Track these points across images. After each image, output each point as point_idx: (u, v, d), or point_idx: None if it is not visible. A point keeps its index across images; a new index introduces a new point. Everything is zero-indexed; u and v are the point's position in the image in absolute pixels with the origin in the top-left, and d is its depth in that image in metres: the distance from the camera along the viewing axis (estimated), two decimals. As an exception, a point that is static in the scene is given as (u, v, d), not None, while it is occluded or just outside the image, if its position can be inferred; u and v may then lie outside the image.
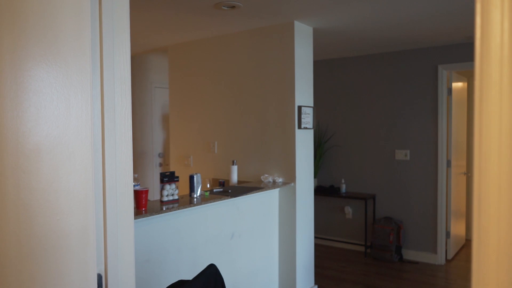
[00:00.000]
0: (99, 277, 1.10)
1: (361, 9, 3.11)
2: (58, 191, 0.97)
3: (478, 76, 0.52)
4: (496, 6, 0.49)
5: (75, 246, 1.01)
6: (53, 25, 0.96)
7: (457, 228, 4.87)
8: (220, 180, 3.68)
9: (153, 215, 2.39)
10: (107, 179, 1.12)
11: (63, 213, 0.98)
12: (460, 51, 4.38)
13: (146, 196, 2.43)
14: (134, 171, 4.25)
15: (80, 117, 1.00)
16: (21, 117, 0.89)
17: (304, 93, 3.60)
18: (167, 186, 2.68)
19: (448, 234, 4.62)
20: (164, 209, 2.47)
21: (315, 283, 3.86)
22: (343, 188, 5.06)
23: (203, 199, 2.79)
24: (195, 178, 2.87)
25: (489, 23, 0.50)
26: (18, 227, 0.90)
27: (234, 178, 3.55)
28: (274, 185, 3.43)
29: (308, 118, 3.62)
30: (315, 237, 5.30)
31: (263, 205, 3.40)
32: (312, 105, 3.72)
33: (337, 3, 2.97)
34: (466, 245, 5.20)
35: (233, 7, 3.01)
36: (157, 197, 2.68)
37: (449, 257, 4.66)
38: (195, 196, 2.85)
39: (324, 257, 4.81)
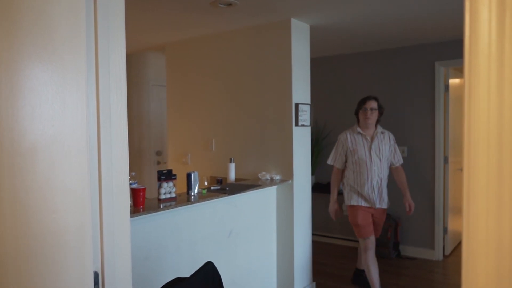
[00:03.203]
0: (96, 274, 1.11)
1: (358, 6, 3.11)
2: (54, 189, 0.97)
3: (467, 73, 0.53)
4: (484, 4, 0.49)
5: (72, 243, 1.01)
6: (48, 23, 0.96)
7: (455, 224, 4.89)
8: (218, 178, 3.69)
9: (150, 213, 2.39)
10: (103, 176, 1.13)
11: (59, 211, 0.98)
12: (457, 48, 4.38)
13: (144, 194, 2.43)
14: (132, 169, 4.25)
15: (76, 116, 1.01)
16: (16, 116, 0.89)
17: (301, 90, 3.60)
18: (165, 184, 2.68)
19: (445, 230, 4.64)
20: (161, 207, 2.48)
21: (313, 280, 3.87)
22: (341, 185, 5.06)
23: (201, 197, 2.80)
24: (192, 176, 2.88)
25: (477, 21, 0.50)
26: (14, 225, 0.91)
27: (232, 175, 3.56)
28: (271, 182, 3.44)
29: (305, 116, 3.63)
30: (313, 234, 5.32)
31: (260, 203, 3.41)
32: (309, 102, 3.72)
33: (334, 0, 2.97)
34: (464, 241, 5.22)
35: (230, 4, 3.01)
36: (155, 195, 2.69)
37: (447, 252, 4.69)
38: (192, 194, 2.86)
39: (322, 253, 4.82)
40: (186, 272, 2.69)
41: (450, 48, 4.40)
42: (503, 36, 0.49)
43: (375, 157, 3.40)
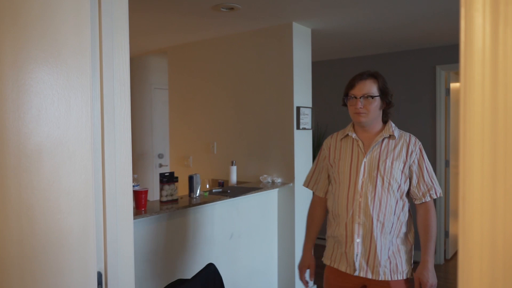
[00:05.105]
0: (99, 275, 1.12)
1: (359, 11, 3.13)
2: (59, 190, 0.99)
3: (462, 78, 0.54)
4: (478, 10, 0.51)
5: (76, 244, 1.03)
6: (53, 27, 0.98)
7: (456, 228, 4.89)
8: (220, 181, 3.70)
9: (152, 215, 2.41)
10: (107, 178, 1.14)
11: (63, 212, 1.00)
12: (458, 52, 4.39)
13: (146, 196, 2.45)
14: (134, 172, 4.27)
15: (80, 118, 1.02)
16: (22, 119, 0.91)
17: (302, 94, 3.62)
18: (166, 187, 2.70)
19: (447, 233, 4.64)
20: (163, 209, 2.49)
21: (315, 283, 3.87)
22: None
23: (202, 200, 2.81)
24: (194, 179, 2.89)
25: (472, 26, 0.52)
26: (19, 226, 0.92)
27: (233, 178, 3.57)
28: (273, 185, 3.45)
29: (306, 119, 3.64)
30: (315, 237, 5.31)
31: (262, 206, 3.42)
32: (310, 105, 3.74)
33: (335, 5, 2.99)
34: (465, 245, 5.21)
35: (232, 8, 3.04)
36: (157, 198, 2.72)
37: (448, 256, 4.68)
38: (194, 196, 2.87)
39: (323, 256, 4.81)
40: (188, 274, 2.70)
41: (451, 52, 4.42)
42: (496, 41, 0.50)
43: (366, 179, 1.82)
